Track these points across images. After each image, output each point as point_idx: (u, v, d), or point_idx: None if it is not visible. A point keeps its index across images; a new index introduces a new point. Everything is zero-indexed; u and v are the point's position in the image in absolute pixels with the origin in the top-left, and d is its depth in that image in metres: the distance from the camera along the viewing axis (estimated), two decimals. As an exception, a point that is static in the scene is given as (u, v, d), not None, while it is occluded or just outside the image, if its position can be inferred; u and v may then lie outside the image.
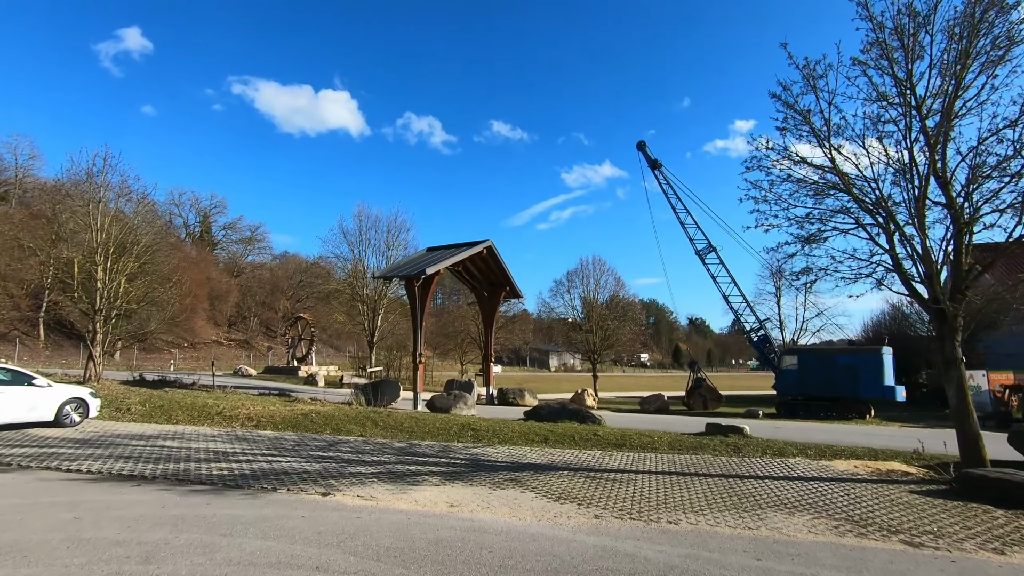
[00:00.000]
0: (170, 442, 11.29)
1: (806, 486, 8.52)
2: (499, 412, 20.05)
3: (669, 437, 12.90)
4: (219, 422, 14.73)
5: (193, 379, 22.14)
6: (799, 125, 9.84)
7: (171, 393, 18.40)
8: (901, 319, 35.18)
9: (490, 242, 23.00)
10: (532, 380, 62.16)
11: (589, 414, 15.60)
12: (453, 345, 44.29)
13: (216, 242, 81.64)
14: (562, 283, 42.30)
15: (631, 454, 11.30)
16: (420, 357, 20.14)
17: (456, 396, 18.35)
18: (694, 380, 26.34)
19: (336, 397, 20.87)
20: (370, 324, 34.38)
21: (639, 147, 29.48)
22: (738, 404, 28.18)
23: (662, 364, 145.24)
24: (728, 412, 24.88)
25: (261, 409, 15.99)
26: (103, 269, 18.71)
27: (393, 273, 20.56)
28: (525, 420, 15.75)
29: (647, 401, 23.90)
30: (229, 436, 12.46)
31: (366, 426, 14.22)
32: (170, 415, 15.54)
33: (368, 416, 15.15)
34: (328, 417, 14.94)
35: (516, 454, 11.06)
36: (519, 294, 26.37)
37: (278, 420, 14.71)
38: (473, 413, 18.15)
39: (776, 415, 22.55)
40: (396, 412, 16.12)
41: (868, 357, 21.35)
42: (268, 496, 7.36)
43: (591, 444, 12.37)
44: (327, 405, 17.65)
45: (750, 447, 11.92)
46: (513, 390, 25.12)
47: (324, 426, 14.15)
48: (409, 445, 11.96)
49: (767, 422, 19.96)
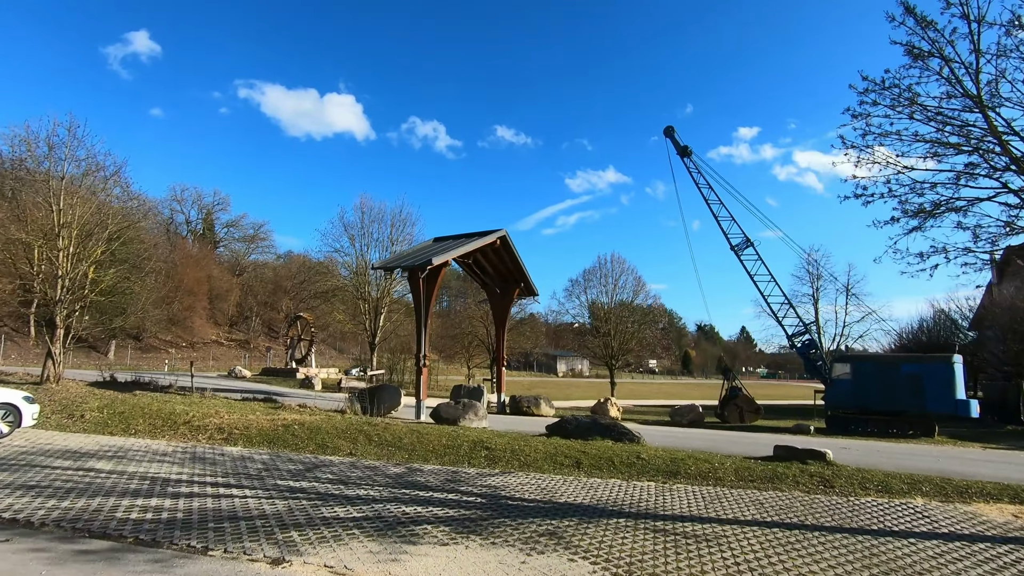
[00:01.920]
0: (103, 464, 8.85)
1: (975, 552, 5.93)
2: (514, 424, 17.52)
3: (732, 463, 10.31)
4: (183, 434, 12.32)
5: (170, 381, 19.75)
6: (934, 52, 7.25)
7: (139, 398, 16.01)
8: (947, 324, 32.30)
9: (504, 231, 20.52)
10: (541, 386, 59.53)
11: (624, 430, 13.03)
12: (459, 348, 41.69)
13: (218, 240, 79.69)
14: (578, 282, 39.61)
15: (694, 488, 8.73)
16: (424, 360, 17.66)
17: (465, 405, 15.84)
18: (729, 389, 23.66)
19: (330, 403, 18.44)
20: (372, 324, 31.96)
21: (667, 133, 26.94)
22: (776, 416, 25.45)
23: (671, 371, 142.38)
24: (768, 426, 22.18)
25: (237, 418, 13.57)
26: (65, 255, 16.41)
27: (396, 264, 18.11)
28: (548, 436, 13.21)
29: (679, 412, 21.28)
30: (185, 455, 10.01)
31: (357, 441, 11.75)
32: (128, 424, 13.16)
33: (362, 428, 12.68)
34: (314, 429, 12.48)
35: (546, 486, 8.53)
36: (534, 291, 23.86)
37: (253, 433, 12.27)
38: (485, 425, 15.63)
39: (827, 430, 19.86)
40: (395, 423, 13.64)
41: (937, 366, 18.61)
42: (188, 564, 4.88)
43: (637, 471, 9.82)
44: (316, 413, 15.22)
45: (842, 479, 9.31)
46: (527, 398, 22.57)
47: (307, 441, 11.69)
48: (408, 470, 9.45)
49: (823, 440, 17.29)
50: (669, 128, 26.71)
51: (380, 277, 32.00)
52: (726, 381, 24.17)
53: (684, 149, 26.14)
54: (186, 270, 62.05)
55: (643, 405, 36.65)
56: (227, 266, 76.89)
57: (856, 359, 20.67)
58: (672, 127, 26.54)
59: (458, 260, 20.59)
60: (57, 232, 16.29)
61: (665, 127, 26.83)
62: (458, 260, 20.59)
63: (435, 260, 16.93)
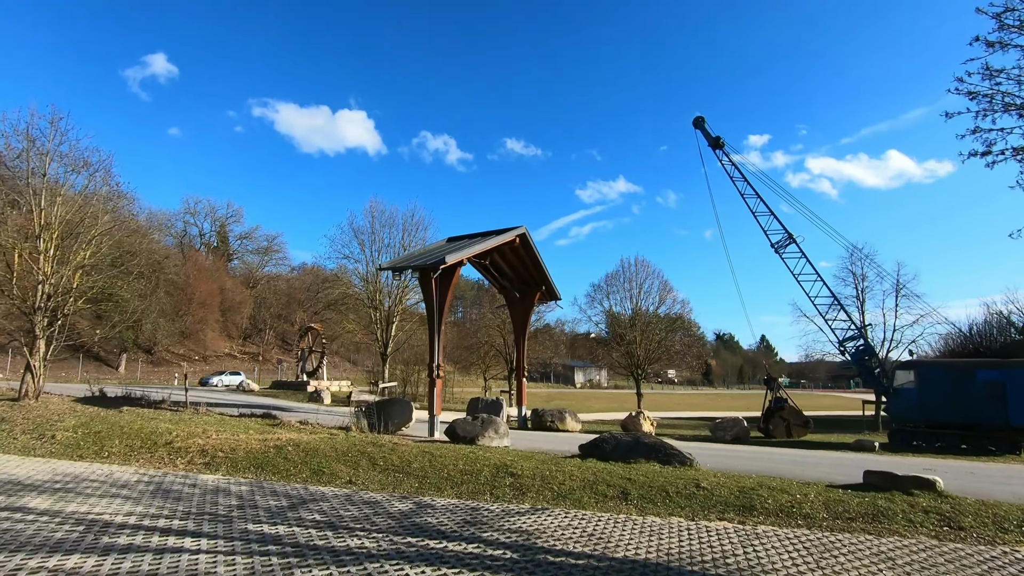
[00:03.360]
0: (40, 500, 7.17)
1: None
2: (538, 441, 15.62)
3: (817, 495, 8.29)
4: (160, 458, 10.67)
5: (164, 395, 18.22)
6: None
7: (122, 415, 14.46)
8: (1004, 327, 29.64)
9: (523, 229, 18.76)
10: (560, 397, 57.33)
11: (672, 450, 11.06)
12: (476, 358, 39.78)
13: (232, 253, 79.21)
14: (600, 287, 37.46)
15: (785, 532, 6.76)
16: (438, 370, 15.88)
17: (484, 421, 13.99)
18: (773, 401, 21.40)
19: (335, 419, 16.73)
20: (384, 334, 30.31)
21: (696, 124, 25.02)
22: (823, 429, 23.12)
23: (691, 381, 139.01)
24: (821, 441, 19.90)
25: (227, 438, 11.90)
26: (46, 259, 15.03)
27: (405, 264, 16.41)
28: (582, 458, 11.30)
29: (721, 427, 19.13)
30: (149, 486, 8.30)
31: (359, 466, 9.98)
32: (102, 447, 11.57)
33: (365, 450, 10.91)
34: (310, 451, 10.74)
35: (593, 530, 6.64)
36: (557, 295, 22.00)
37: (239, 456, 10.56)
38: (506, 444, 13.77)
39: (889, 446, 17.59)
40: (405, 443, 11.84)
41: (1023, 372, 16.30)
42: None
43: (700, 505, 7.88)
44: (317, 431, 13.50)
45: (969, 517, 7.27)
46: (551, 412, 20.61)
47: (300, 466, 9.95)
48: (416, 507, 7.62)
49: (896, 460, 15.08)
50: (699, 119, 24.81)
51: (392, 284, 30.42)
52: (770, 392, 21.91)
53: (716, 140, 24.21)
54: (199, 282, 61.29)
55: (673, 418, 34.36)
56: (241, 278, 76.29)
57: (923, 365, 18.35)
58: (702, 117, 24.66)
59: (474, 261, 18.86)
60: (37, 234, 14.94)
61: (694, 118, 24.98)
62: (474, 261, 18.86)
63: (449, 259, 15.21)
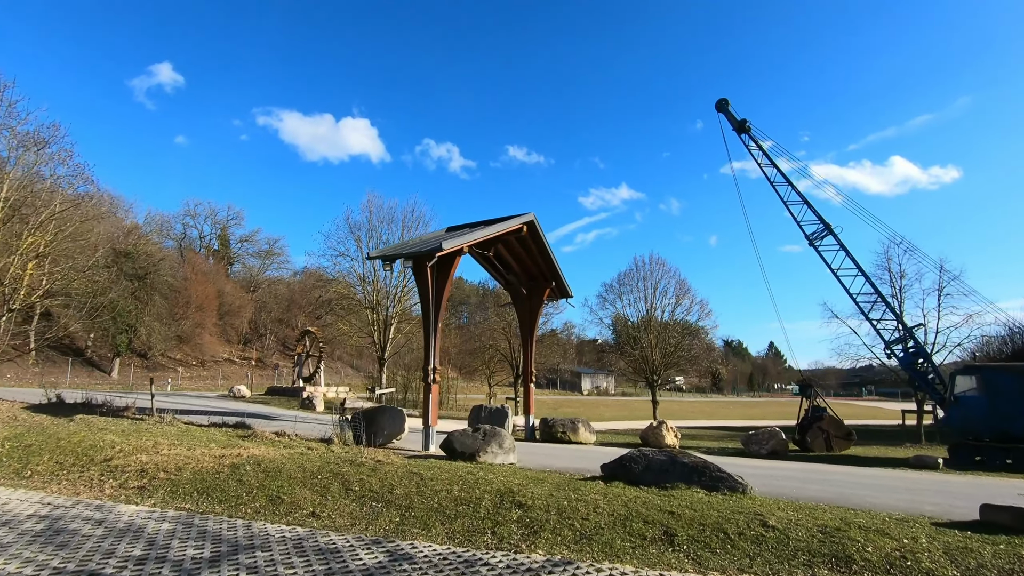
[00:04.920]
0: None
1: None
2: (550, 456, 13.55)
3: (930, 539, 6.19)
4: (89, 479, 8.72)
5: (128, 402, 16.29)
6: None
7: (71, 425, 12.54)
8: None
9: (532, 216, 16.77)
10: (567, 405, 55.05)
11: (717, 471, 8.94)
12: (480, 363, 37.66)
13: (233, 257, 77.70)
14: (612, 287, 35.28)
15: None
16: (434, 374, 13.87)
17: (486, 434, 11.93)
18: (810, 410, 19.17)
19: (319, 429, 14.75)
20: (381, 337, 28.31)
21: (719, 107, 22.98)
22: (861, 440, 20.80)
23: (700, 388, 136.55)
24: (867, 456, 17.66)
25: (177, 454, 9.94)
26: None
27: (397, 252, 14.44)
28: (605, 481, 9.23)
29: (755, 440, 16.88)
30: (41, 522, 6.32)
31: (328, 492, 7.97)
32: (27, 463, 9.67)
33: (340, 469, 8.91)
34: (272, 472, 8.75)
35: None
36: (568, 292, 19.96)
37: (184, 478, 8.57)
38: (512, 461, 11.72)
39: (950, 463, 15.36)
40: (391, 460, 9.83)
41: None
42: None
43: (776, 555, 5.79)
44: (293, 445, 11.54)
45: None
46: (562, 421, 18.50)
47: (255, 492, 7.95)
48: (390, 558, 5.57)
49: (969, 481, 12.88)
50: (722, 101, 22.76)
51: (391, 284, 28.49)
52: (805, 400, 19.66)
53: (741, 124, 22.14)
54: (196, 285, 59.69)
55: (691, 427, 32.06)
56: (241, 282, 74.77)
57: (991, 370, 16.04)
58: (726, 99, 22.59)
59: (476, 253, 16.89)
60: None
61: (717, 101, 22.88)
62: (476, 253, 16.89)
63: (446, 246, 13.24)
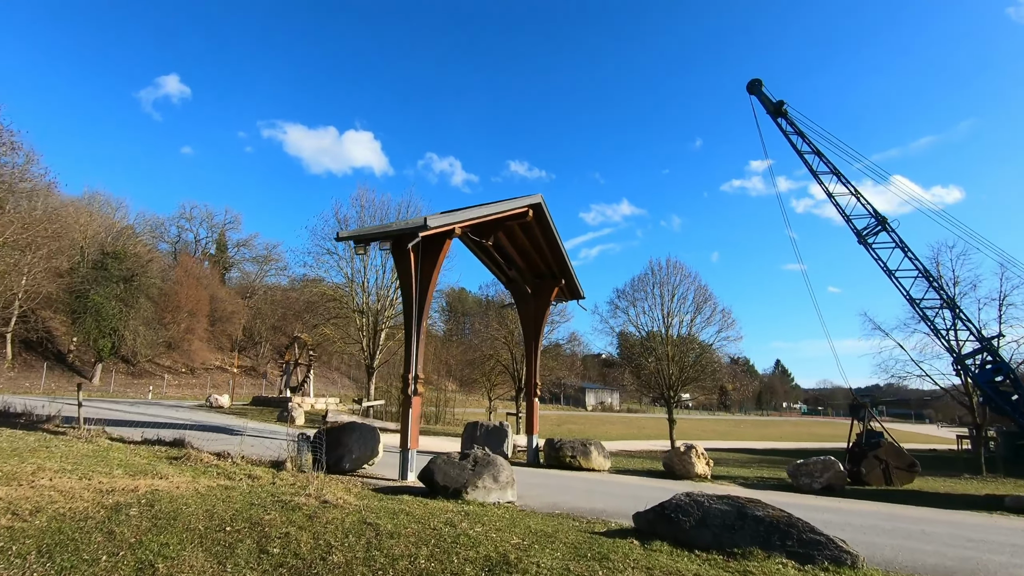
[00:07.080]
0: None
1: None
2: (559, 490, 10.73)
3: None
4: None
5: (52, 411, 13.56)
6: None
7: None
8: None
9: (539, 197, 14.12)
10: (571, 421, 51.96)
11: (811, 532, 6.14)
12: (479, 375, 34.74)
13: (230, 263, 75.40)
14: (624, 293, 32.35)
15: None
16: (415, 384, 11.11)
17: (478, 462, 9.13)
18: (863, 435, 16.20)
19: (275, 449, 11.92)
20: (370, 343, 25.56)
21: (751, 89, 20.41)
22: (927, 470, 17.74)
23: (706, 406, 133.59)
24: (938, 492, 14.68)
25: (63, 483, 7.29)
26: None
27: (372, 233, 11.76)
28: (642, 539, 6.42)
29: (804, 471, 13.88)
30: None
31: (232, 556, 5.22)
32: None
33: (263, 517, 6.17)
34: (166, 518, 6.02)
35: None
36: (580, 292, 17.23)
37: (34, 527, 5.82)
38: (510, 500, 8.94)
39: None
40: (338, 503, 7.09)
41: None
42: None
43: None
44: (229, 472, 8.83)
45: None
46: (571, 443, 15.65)
47: (123, 555, 5.21)
48: None
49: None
50: (755, 82, 20.17)
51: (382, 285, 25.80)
52: (858, 423, 16.68)
53: (777, 107, 19.52)
54: (187, 289, 57.21)
55: (711, 449, 28.96)
56: (236, 288, 72.40)
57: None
58: (759, 80, 20.02)
59: (472, 241, 14.20)
60: None
61: (749, 82, 20.32)
62: (472, 241, 14.20)
63: (432, 223, 10.59)
